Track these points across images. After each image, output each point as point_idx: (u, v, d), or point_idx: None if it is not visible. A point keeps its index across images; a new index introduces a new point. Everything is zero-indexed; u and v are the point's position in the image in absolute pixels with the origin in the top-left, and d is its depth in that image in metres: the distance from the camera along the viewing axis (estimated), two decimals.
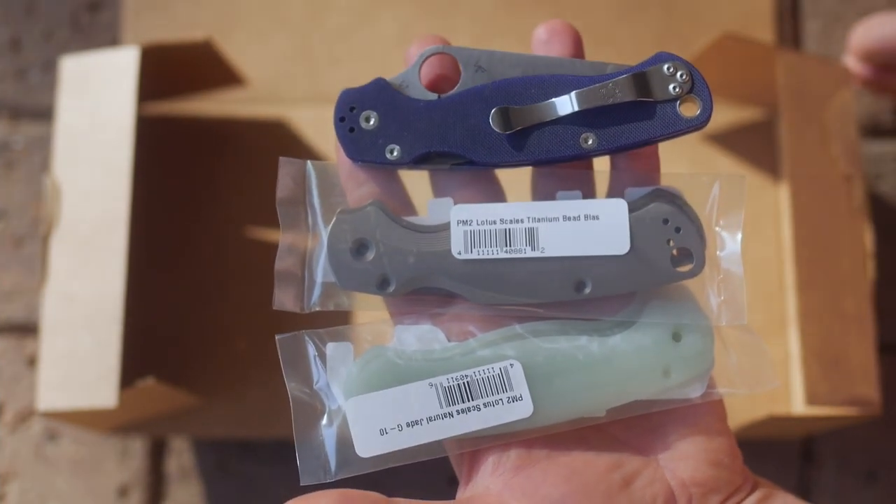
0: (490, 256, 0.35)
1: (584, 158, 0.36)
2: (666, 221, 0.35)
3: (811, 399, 0.56)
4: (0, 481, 0.65)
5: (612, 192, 0.36)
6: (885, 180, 0.70)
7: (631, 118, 0.35)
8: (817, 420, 0.58)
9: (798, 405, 0.57)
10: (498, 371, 0.34)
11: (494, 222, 0.35)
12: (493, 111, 0.35)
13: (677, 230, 0.35)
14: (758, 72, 0.62)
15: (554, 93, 0.35)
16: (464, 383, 0.34)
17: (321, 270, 0.35)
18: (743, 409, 0.60)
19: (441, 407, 0.34)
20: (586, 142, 0.35)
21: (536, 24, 0.38)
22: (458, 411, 0.34)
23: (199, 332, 0.62)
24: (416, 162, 0.36)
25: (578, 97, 0.35)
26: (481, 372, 0.34)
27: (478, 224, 0.35)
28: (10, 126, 0.71)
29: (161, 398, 0.57)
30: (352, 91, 0.36)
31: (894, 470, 0.65)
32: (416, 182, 0.38)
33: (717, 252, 0.36)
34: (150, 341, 0.62)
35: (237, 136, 0.65)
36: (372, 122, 0.35)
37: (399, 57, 0.67)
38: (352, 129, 0.36)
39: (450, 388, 0.34)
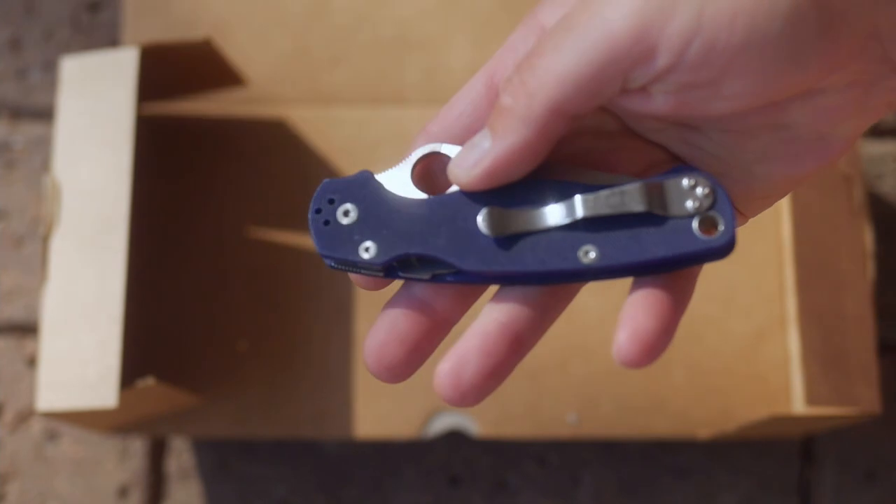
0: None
1: (582, 278, 0.32)
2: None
3: (811, 399, 0.56)
4: (0, 481, 0.65)
5: None
6: (885, 180, 0.70)
7: (638, 233, 0.30)
8: (817, 420, 0.58)
9: (798, 405, 0.57)
10: None
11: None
12: (484, 210, 0.31)
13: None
14: None
15: (556, 198, 0.31)
16: None
17: None
18: (743, 409, 0.60)
19: None
20: (586, 255, 0.31)
21: None
22: None
23: (199, 332, 0.62)
24: (392, 267, 0.32)
25: (584, 203, 0.31)
26: None
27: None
28: (10, 126, 0.71)
29: (161, 398, 0.57)
30: (334, 182, 0.33)
31: (894, 470, 0.65)
32: None
33: None
34: (150, 341, 0.62)
35: (237, 136, 0.65)
36: (350, 217, 0.32)
37: (399, 57, 0.67)
38: (326, 223, 0.32)
39: None
